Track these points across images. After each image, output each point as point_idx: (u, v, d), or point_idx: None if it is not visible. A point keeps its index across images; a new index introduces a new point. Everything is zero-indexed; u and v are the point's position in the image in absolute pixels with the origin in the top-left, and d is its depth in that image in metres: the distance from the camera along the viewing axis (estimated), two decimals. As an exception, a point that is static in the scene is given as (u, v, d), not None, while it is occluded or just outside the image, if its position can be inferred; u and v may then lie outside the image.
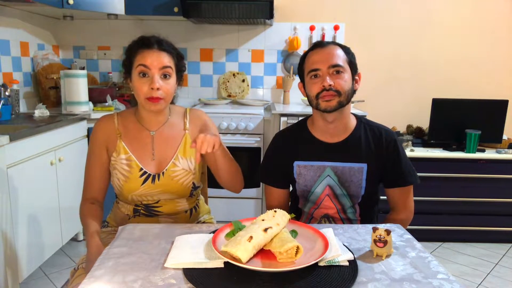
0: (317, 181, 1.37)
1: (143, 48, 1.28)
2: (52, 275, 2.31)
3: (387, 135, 1.37)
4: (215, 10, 2.84)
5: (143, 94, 1.27)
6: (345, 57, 1.31)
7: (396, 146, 1.37)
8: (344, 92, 1.28)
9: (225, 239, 1.02)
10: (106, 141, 1.36)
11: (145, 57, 1.27)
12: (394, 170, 1.36)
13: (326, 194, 1.37)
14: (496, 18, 3.23)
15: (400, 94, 3.36)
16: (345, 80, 1.28)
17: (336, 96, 1.27)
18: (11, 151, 1.90)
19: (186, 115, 1.44)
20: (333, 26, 3.26)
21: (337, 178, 1.35)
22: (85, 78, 2.67)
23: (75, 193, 2.48)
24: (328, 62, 1.27)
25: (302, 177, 1.38)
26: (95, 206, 1.35)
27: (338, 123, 1.35)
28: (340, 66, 1.28)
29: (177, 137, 1.39)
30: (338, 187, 1.36)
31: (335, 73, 1.28)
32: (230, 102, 3.33)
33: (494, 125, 2.89)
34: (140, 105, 1.36)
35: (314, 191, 1.38)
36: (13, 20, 2.76)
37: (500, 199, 2.82)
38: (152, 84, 1.26)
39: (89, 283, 0.87)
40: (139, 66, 1.26)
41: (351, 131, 1.37)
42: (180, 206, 1.42)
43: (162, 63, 1.27)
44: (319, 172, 1.36)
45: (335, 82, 1.27)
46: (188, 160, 1.38)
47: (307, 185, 1.38)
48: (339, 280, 0.87)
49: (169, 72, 1.29)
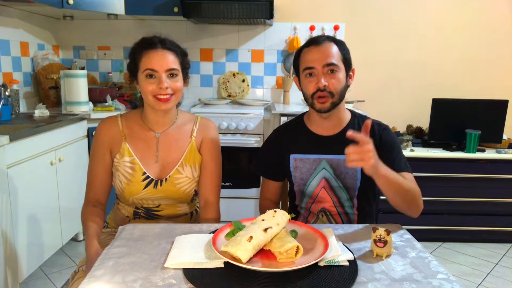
0: (312, 173, 1.39)
1: (147, 49, 1.28)
2: (52, 275, 2.31)
3: (378, 127, 1.39)
4: (215, 10, 2.84)
5: (151, 92, 1.27)
6: (340, 54, 1.32)
7: (389, 136, 1.37)
8: (337, 92, 1.31)
9: (225, 239, 1.02)
10: (109, 143, 1.36)
11: (150, 60, 1.26)
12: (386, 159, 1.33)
13: (322, 186, 1.38)
14: (496, 18, 3.23)
15: (400, 94, 3.36)
16: (339, 79, 1.31)
17: (330, 98, 1.30)
18: (11, 151, 1.90)
19: (196, 123, 1.43)
20: (333, 26, 3.26)
21: (332, 171, 1.37)
22: (85, 78, 2.67)
23: (75, 193, 2.48)
24: (323, 61, 1.29)
25: (299, 170, 1.40)
26: (97, 209, 1.35)
27: (332, 118, 1.38)
28: (335, 65, 1.30)
29: (183, 142, 1.39)
30: (333, 179, 1.37)
31: (329, 72, 1.30)
32: (230, 102, 3.33)
33: (494, 125, 2.89)
34: (147, 106, 1.35)
35: (310, 184, 1.40)
36: (13, 20, 2.76)
37: (500, 199, 2.82)
38: (161, 84, 1.26)
39: (89, 283, 0.87)
40: (146, 70, 1.26)
41: (345, 124, 1.40)
42: (180, 210, 1.42)
43: (168, 65, 1.27)
44: (315, 164, 1.38)
45: (329, 82, 1.29)
46: (192, 167, 1.38)
47: (303, 178, 1.40)
48: (339, 280, 0.87)
49: (175, 72, 1.30)
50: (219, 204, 1.43)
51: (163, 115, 1.36)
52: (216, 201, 1.41)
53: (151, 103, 1.30)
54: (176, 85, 1.29)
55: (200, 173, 1.40)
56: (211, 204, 1.39)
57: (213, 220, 1.37)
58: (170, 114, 1.38)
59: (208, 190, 1.40)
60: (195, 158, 1.39)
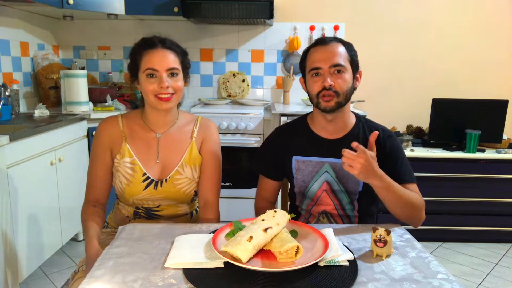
0: (314, 176, 1.38)
1: (147, 49, 1.28)
2: (52, 275, 2.31)
3: (384, 134, 1.37)
4: (215, 10, 2.83)
5: (152, 92, 1.27)
6: (347, 55, 1.31)
7: (393, 144, 1.36)
8: (343, 92, 1.29)
9: (225, 239, 1.02)
10: (110, 143, 1.35)
11: (151, 59, 1.27)
12: (389, 168, 1.34)
13: (323, 189, 1.38)
14: (496, 18, 3.23)
15: (400, 94, 3.36)
16: (346, 79, 1.29)
17: (335, 97, 1.28)
18: (11, 151, 1.90)
19: (197, 123, 1.43)
20: (333, 26, 3.26)
21: (335, 174, 1.36)
22: (85, 78, 2.67)
23: (75, 193, 2.48)
24: (329, 61, 1.28)
25: (301, 172, 1.39)
26: (97, 209, 1.35)
27: (337, 121, 1.36)
28: (341, 65, 1.28)
29: (183, 143, 1.39)
30: (335, 183, 1.36)
31: (336, 73, 1.28)
32: (230, 102, 3.33)
33: (494, 125, 2.89)
34: (148, 106, 1.35)
35: (312, 187, 1.39)
36: (13, 20, 2.75)
37: (500, 199, 2.82)
38: (161, 83, 1.26)
39: (89, 283, 0.87)
40: (147, 70, 1.27)
41: (350, 128, 1.38)
42: (180, 211, 1.42)
43: (168, 65, 1.27)
44: (318, 167, 1.37)
45: (336, 82, 1.28)
46: (192, 168, 1.38)
47: (305, 180, 1.39)
48: (339, 280, 0.87)
49: (176, 71, 1.30)
50: (218, 204, 1.43)
51: (164, 115, 1.36)
52: (216, 201, 1.41)
53: (152, 103, 1.30)
54: (177, 84, 1.29)
55: (200, 173, 1.40)
56: (210, 204, 1.39)
57: (213, 220, 1.37)
58: (170, 115, 1.38)
59: (208, 190, 1.39)
60: (195, 159, 1.39)
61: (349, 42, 1.35)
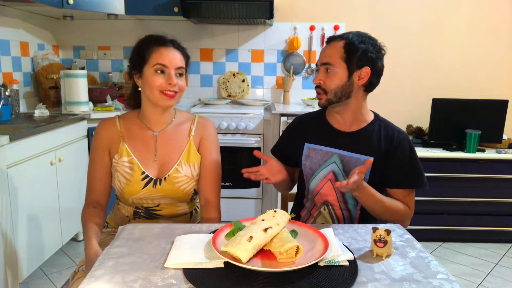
0: (322, 165, 1.40)
1: (158, 46, 1.30)
2: (52, 275, 2.31)
3: (399, 135, 1.39)
4: (215, 10, 2.84)
5: (158, 87, 1.29)
6: (342, 53, 1.31)
7: (406, 147, 1.37)
8: (331, 90, 1.32)
9: (225, 239, 1.02)
10: (108, 144, 1.36)
11: (162, 56, 1.29)
12: (400, 170, 1.36)
13: (328, 179, 1.39)
14: (497, 19, 3.23)
15: (400, 94, 3.36)
16: (332, 78, 1.32)
17: (323, 94, 1.34)
18: (11, 151, 1.90)
19: (194, 122, 1.43)
20: (333, 26, 3.26)
21: (342, 166, 1.37)
22: (85, 78, 2.67)
23: (75, 193, 2.48)
24: (321, 60, 1.35)
25: (309, 160, 1.43)
26: (97, 210, 1.35)
27: (344, 113, 1.39)
28: (329, 64, 1.32)
29: (181, 142, 1.39)
30: (341, 175, 1.38)
31: (325, 71, 1.34)
32: (230, 102, 3.33)
33: (494, 125, 2.89)
34: (147, 103, 1.35)
35: (317, 175, 1.41)
36: (13, 20, 2.76)
37: (500, 199, 2.82)
38: (170, 80, 1.28)
39: (89, 283, 0.87)
40: (157, 65, 1.28)
41: (366, 124, 1.40)
42: (180, 210, 1.42)
43: (178, 64, 1.31)
44: (327, 157, 1.40)
45: (324, 80, 1.33)
46: (191, 166, 1.38)
47: (312, 167, 1.42)
48: (339, 280, 0.87)
49: (182, 71, 1.33)
50: (219, 203, 1.43)
51: (161, 112, 1.37)
52: (217, 201, 1.41)
53: (156, 98, 1.30)
54: (182, 84, 1.33)
55: (200, 172, 1.41)
56: (211, 204, 1.39)
57: (214, 220, 1.38)
58: (168, 113, 1.39)
59: (208, 189, 1.40)
60: (193, 157, 1.39)
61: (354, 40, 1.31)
